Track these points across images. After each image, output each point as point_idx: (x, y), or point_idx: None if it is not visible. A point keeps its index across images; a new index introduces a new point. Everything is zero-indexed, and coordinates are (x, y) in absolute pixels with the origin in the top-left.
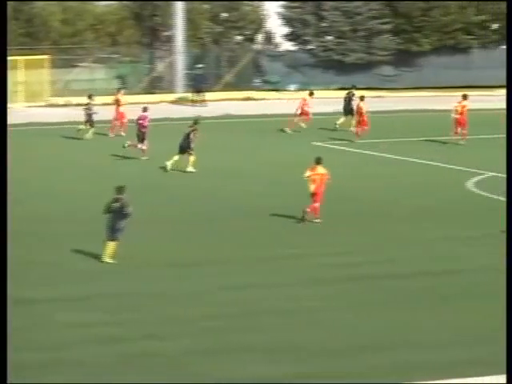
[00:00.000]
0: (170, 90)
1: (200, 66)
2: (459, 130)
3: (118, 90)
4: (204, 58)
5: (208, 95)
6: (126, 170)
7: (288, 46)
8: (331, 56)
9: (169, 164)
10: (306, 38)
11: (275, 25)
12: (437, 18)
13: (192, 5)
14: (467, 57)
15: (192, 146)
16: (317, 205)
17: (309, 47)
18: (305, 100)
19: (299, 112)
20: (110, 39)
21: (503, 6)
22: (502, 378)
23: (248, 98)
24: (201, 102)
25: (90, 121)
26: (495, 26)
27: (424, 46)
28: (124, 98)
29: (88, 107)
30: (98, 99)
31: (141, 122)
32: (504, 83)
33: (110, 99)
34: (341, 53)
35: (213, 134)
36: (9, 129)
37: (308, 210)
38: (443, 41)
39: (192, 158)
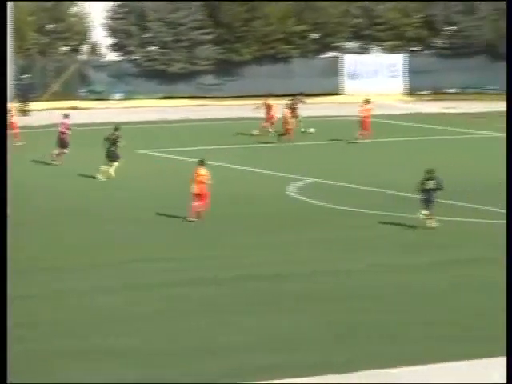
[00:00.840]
0: None
1: (26, 76)
2: (365, 132)
3: (16, 97)
4: (30, 68)
5: (34, 105)
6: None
7: (113, 56)
8: (155, 66)
9: (100, 176)
10: (130, 49)
11: (100, 36)
12: (257, 28)
13: (18, 15)
14: (287, 66)
15: (118, 153)
16: (197, 204)
17: (133, 57)
18: (268, 104)
19: (267, 116)
20: None
21: (322, 16)
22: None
23: (74, 108)
24: (25, 112)
25: None
26: (314, 35)
27: (245, 56)
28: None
29: None
30: None
31: (61, 128)
32: (323, 91)
33: None
34: (164, 63)
35: (40, 144)
36: None
37: (192, 212)
38: (264, 50)
39: (116, 164)
